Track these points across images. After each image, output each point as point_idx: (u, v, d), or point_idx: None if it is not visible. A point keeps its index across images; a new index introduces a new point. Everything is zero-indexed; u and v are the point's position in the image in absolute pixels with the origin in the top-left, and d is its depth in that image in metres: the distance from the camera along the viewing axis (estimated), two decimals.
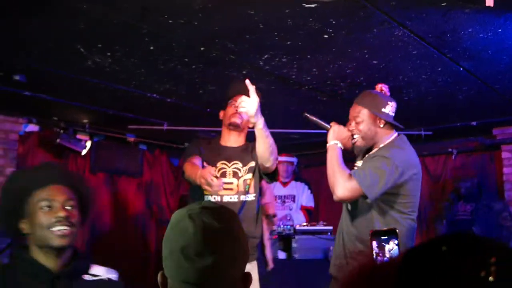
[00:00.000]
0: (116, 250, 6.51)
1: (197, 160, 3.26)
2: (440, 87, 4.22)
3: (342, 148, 2.92)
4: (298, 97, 4.56)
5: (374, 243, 1.30)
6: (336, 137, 2.92)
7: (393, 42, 3.26)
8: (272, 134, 3.25)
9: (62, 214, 1.82)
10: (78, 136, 5.81)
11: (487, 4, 2.50)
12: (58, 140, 5.63)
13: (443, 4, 2.71)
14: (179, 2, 2.70)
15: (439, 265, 0.67)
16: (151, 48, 3.38)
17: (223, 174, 3.32)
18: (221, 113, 3.47)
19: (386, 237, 1.24)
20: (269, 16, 2.88)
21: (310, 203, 6.32)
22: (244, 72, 3.85)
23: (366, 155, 2.96)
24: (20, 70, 3.92)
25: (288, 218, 5.92)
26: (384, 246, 1.31)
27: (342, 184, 2.74)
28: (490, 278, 0.63)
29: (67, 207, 1.85)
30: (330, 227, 5.67)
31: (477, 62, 3.63)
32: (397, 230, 1.37)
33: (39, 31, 3.14)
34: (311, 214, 6.30)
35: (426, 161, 6.71)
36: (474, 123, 5.41)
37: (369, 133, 2.90)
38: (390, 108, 2.92)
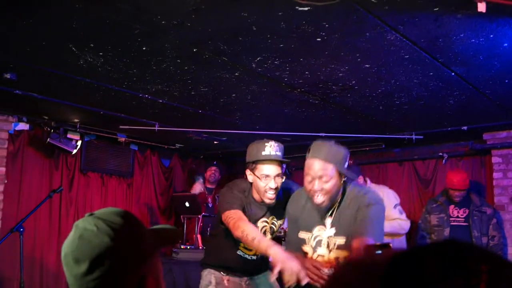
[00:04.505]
0: None
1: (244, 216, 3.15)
2: (431, 92, 4.23)
3: None
4: (290, 100, 4.56)
5: None
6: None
7: (386, 47, 3.27)
8: (264, 136, 3.23)
9: None
10: (69, 135, 5.78)
11: (479, 10, 2.51)
12: (48, 139, 5.61)
13: (435, 9, 2.72)
14: (172, 3, 2.70)
15: (429, 271, 0.67)
16: (144, 48, 3.37)
17: (264, 234, 3.30)
18: (248, 174, 3.24)
19: (380, 252, 1.24)
20: (262, 19, 2.88)
21: None
22: (236, 74, 3.85)
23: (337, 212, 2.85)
24: (11, 68, 3.90)
25: None
26: None
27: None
28: (481, 286, 0.63)
29: None
30: None
31: (469, 67, 3.64)
32: (390, 245, 1.37)
33: (31, 29, 3.12)
34: None
35: (416, 165, 6.74)
36: (464, 127, 5.43)
37: (335, 190, 2.78)
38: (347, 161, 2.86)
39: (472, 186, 5.87)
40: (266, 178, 3.11)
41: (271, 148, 3.11)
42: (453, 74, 3.78)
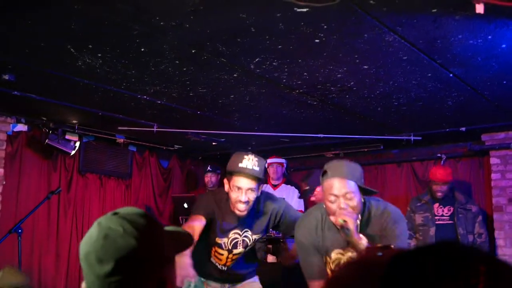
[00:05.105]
0: None
1: (198, 223, 3.11)
2: (430, 93, 4.24)
3: None
4: (288, 101, 4.56)
5: None
6: None
7: (384, 48, 3.27)
8: (263, 137, 3.22)
9: None
10: (67, 136, 5.78)
11: (477, 11, 2.51)
12: (46, 141, 5.60)
13: (434, 11, 2.72)
14: (171, 3, 2.70)
15: (428, 271, 0.67)
16: (142, 49, 3.37)
17: (235, 245, 3.28)
18: (225, 184, 3.20)
19: (381, 254, 1.24)
20: (260, 20, 2.88)
21: (300, 207, 6.31)
22: (235, 75, 3.85)
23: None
24: (9, 69, 3.89)
25: None
26: None
27: None
28: (480, 287, 0.63)
29: None
30: None
31: (467, 68, 3.65)
32: (392, 246, 1.37)
33: (30, 30, 3.12)
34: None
35: (414, 166, 6.75)
36: (463, 129, 5.44)
37: (360, 207, 2.67)
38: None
39: (457, 185, 5.88)
40: (238, 190, 3.07)
41: (249, 162, 3.07)
42: (451, 75, 3.79)
